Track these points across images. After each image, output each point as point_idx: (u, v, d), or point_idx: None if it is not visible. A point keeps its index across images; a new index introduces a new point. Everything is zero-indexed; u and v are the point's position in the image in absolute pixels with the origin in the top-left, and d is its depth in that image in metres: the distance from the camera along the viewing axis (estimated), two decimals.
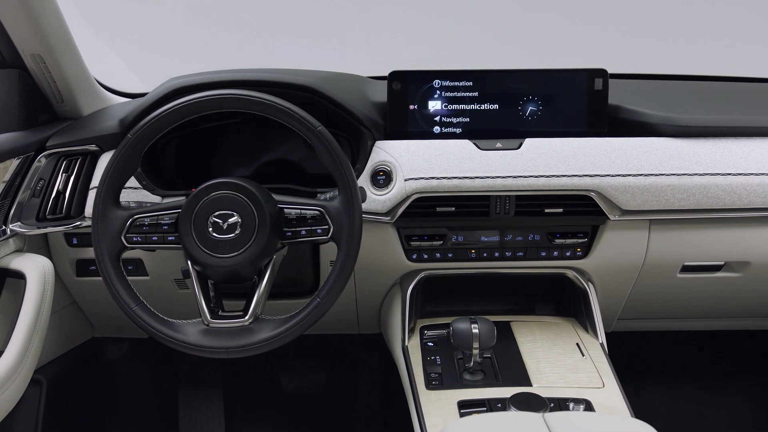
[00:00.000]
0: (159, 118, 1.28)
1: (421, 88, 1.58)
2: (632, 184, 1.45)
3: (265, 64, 1.68)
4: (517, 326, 1.55)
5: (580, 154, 1.47)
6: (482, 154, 1.48)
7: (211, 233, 1.27)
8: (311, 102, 1.50)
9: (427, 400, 1.30)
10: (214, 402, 2.17)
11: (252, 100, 1.28)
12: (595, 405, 1.26)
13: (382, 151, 1.50)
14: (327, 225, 1.29)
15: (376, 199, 1.47)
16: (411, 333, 1.54)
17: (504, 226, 1.52)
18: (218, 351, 1.26)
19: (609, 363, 1.42)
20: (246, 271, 1.30)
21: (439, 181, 1.45)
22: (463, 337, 1.33)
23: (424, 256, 1.55)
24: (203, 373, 2.18)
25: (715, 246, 1.55)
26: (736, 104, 1.69)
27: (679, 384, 2.17)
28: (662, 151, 1.48)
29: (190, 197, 1.29)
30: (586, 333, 1.54)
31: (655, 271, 1.58)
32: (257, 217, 1.27)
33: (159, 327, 1.28)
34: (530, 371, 1.38)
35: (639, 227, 1.52)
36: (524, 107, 1.58)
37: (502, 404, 1.24)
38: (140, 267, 1.60)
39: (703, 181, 1.46)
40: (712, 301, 1.70)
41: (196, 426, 2.16)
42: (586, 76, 1.56)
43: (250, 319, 1.28)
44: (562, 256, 1.55)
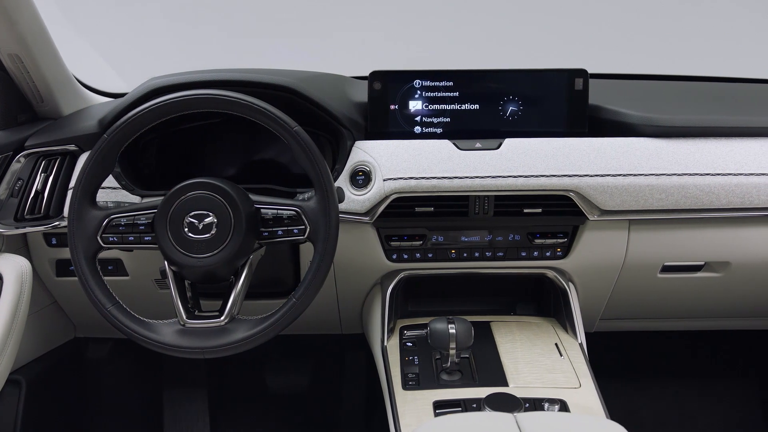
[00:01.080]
0: (135, 119, 1.28)
1: (402, 88, 1.58)
2: (611, 185, 1.45)
3: (252, 64, 1.67)
4: (497, 326, 1.55)
5: (559, 154, 1.47)
6: (461, 154, 1.48)
7: (186, 233, 1.27)
8: (291, 102, 1.50)
9: (402, 401, 1.30)
10: (199, 402, 2.16)
11: (227, 100, 1.28)
12: (571, 405, 1.26)
13: (362, 151, 1.50)
14: (303, 225, 1.29)
15: (355, 199, 1.47)
16: (391, 333, 1.54)
17: (483, 226, 1.52)
18: (194, 351, 1.26)
19: (587, 363, 1.42)
20: (222, 271, 1.29)
21: (418, 181, 1.45)
22: (440, 338, 1.33)
23: (404, 256, 1.55)
24: (188, 373, 2.18)
25: (695, 246, 1.55)
26: (717, 104, 1.70)
27: (665, 384, 2.17)
28: (641, 151, 1.48)
29: (166, 197, 1.28)
30: (566, 333, 1.54)
31: (636, 271, 1.58)
32: (233, 218, 1.27)
33: (134, 327, 1.27)
34: (507, 371, 1.38)
35: (618, 227, 1.52)
36: (505, 107, 1.57)
37: (477, 404, 1.24)
38: (120, 267, 1.60)
39: (682, 181, 1.46)
40: (693, 301, 1.70)
41: (181, 426, 2.15)
42: (567, 76, 1.56)
43: (226, 319, 1.28)
44: (543, 256, 1.55)
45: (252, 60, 2.34)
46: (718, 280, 1.61)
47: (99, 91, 1.83)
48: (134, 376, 2.10)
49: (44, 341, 1.75)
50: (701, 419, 2.13)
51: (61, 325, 1.81)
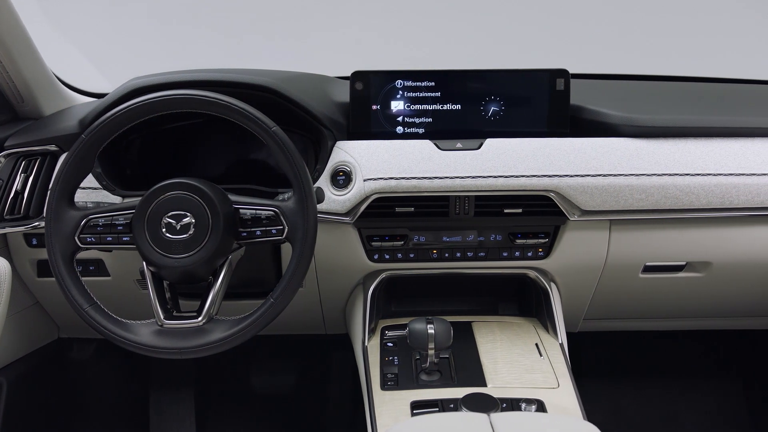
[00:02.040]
0: (113, 119, 1.28)
1: (384, 88, 1.58)
2: (591, 185, 1.45)
3: (242, 64, 1.67)
4: (478, 326, 1.55)
5: (539, 154, 1.47)
6: (442, 155, 1.48)
7: (164, 234, 1.27)
8: (272, 102, 1.50)
9: (380, 401, 1.30)
10: (186, 403, 2.16)
11: (205, 100, 1.28)
12: (548, 405, 1.26)
13: (342, 152, 1.49)
14: (282, 225, 1.29)
15: (335, 200, 1.47)
16: (372, 333, 1.54)
17: (465, 226, 1.52)
18: (171, 352, 1.26)
19: (567, 363, 1.42)
20: (200, 272, 1.29)
21: (398, 182, 1.45)
22: (419, 338, 1.33)
23: (386, 256, 1.55)
24: (175, 374, 2.17)
25: (676, 246, 1.55)
26: (699, 104, 1.70)
27: (650, 383, 2.18)
28: (622, 151, 1.48)
29: (143, 198, 1.28)
30: (547, 333, 1.54)
31: (618, 271, 1.58)
32: (210, 218, 1.27)
33: (111, 327, 1.27)
34: (486, 371, 1.38)
35: (599, 227, 1.52)
36: (486, 107, 1.57)
37: (454, 405, 1.23)
38: (101, 267, 1.60)
39: (662, 181, 1.46)
40: (675, 301, 1.70)
41: (167, 427, 2.15)
42: (548, 77, 1.56)
43: (203, 319, 1.28)
44: (524, 256, 1.55)
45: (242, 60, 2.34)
46: (699, 280, 1.62)
47: (82, 91, 1.82)
48: (119, 377, 2.09)
49: (27, 342, 1.75)
50: (685, 418, 2.13)
51: (44, 325, 1.81)
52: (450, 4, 2.33)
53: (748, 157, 1.48)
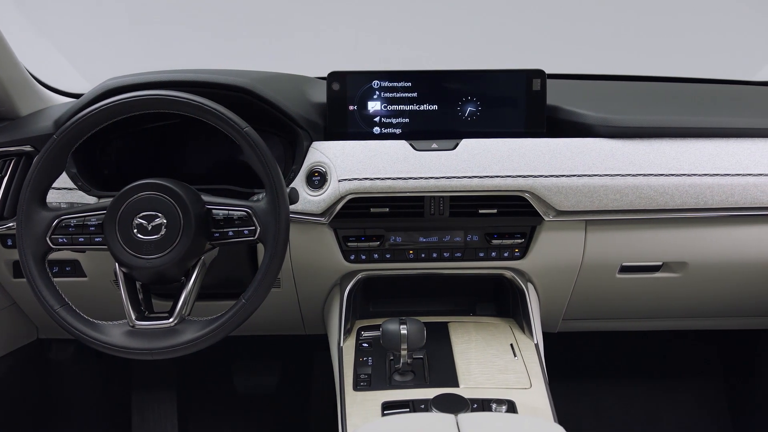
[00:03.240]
0: (85, 119, 1.28)
1: (361, 88, 1.58)
2: (565, 185, 1.45)
3: (228, 64, 1.67)
4: (454, 327, 1.55)
5: (514, 154, 1.47)
6: (417, 155, 1.48)
7: (135, 234, 1.26)
8: (248, 103, 1.50)
9: (352, 401, 1.30)
10: (168, 404, 2.16)
11: (178, 100, 1.28)
12: (519, 406, 1.26)
13: (318, 152, 1.49)
14: (254, 226, 1.28)
15: (311, 200, 1.47)
16: (348, 334, 1.54)
17: (440, 226, 1.52)
18: (142, 352, 1.26)
19: (540, 364, 1.42)
20: (172, 272, 1.29)
21: (372, 182, 1.45)
22: (392, 339, 1.33)
23: (362, 257, 1.55)
24: (156, 374, 2.17)
25: (652, 246, 1.56)
26: (675, 105, 1.70)
27: (632, 383, 2.18)
28: (597, 151, 1.48)
29: (115, 198, 1.28)
30: (523, 334, 1.54)
31: (594, 271, 1.59)
32: (182, 218, 1.27)
33: (82, 328, 1.27)
34: (459, 372, 1.38)
35: (575, 228, 1.52)
36: (463, 108, 1.58)
37: (425, 405, 1.24)
38: (77, 268, 1.59)
39: (636, 181, 1.46)
40: (653, 301, 1.71)
41: (149, 428, 2.15)
42: (524, 77, 1.56)
43: (175, 320, 1.28)
44: (500, 256, 1.55)
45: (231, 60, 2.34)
46: (676, 281, 1.62)
47: (60, 91, 1.82)
48: (100, 378, 2.09)
49: (5, 342, 1.75)
50: (667, 418, 2.14)
51: (23, 326, 1.80)
52: (430, 4, 2.33)
53: (722, 158, 1.48)
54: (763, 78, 1.93)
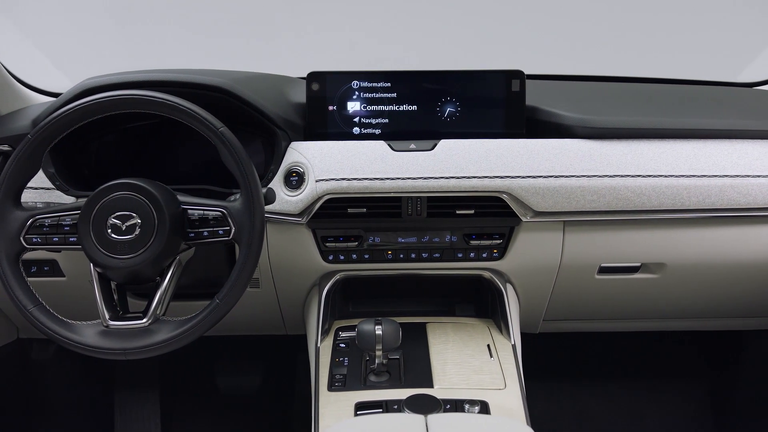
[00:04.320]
0: (60, 119, 1.27)
1: (340, 89, 1.58)
2: (543, 186, 1.45)
3: (216, 65, 1.67)
4: (432, 327, 1.55)
5: (492, 155, 1.47)
6: (395, 155, 1.48)
7: (109, 234, 1.26)
8: (226, 103, 1.50)
9: (325, 402, 1.30)
10: (151, 404, 2.16)
11: (152, 100, 1.28)
12: (492, 406, 1.26)
13: (296, 152, 1.49)
14: (228, 226, 1.28)
15: (288, 200, 1.47)
16: (326, 334, 1.54)
17: (418, 227, 1.52)
18: (115, 352, 1.26)
19: (516, 364, 1.42)
20: (147, 272, 1.29)
21: (350, 182, 1.45)
22: (367, 339, 1.33)
23: (341, 257, 1.55)
24: (139, 374, 2.17)
25: (631, 247, 1.56)
26: (654, 106, 1.70)
27: (615, 383, 2.19)
28: (574, 152, 1.48)
29: (89, 198, 1.28)
30: (500, 334, 1.54)
31: (573, 272, 1.59)
32: (156, 218, 1.26)
33: (56, 328, 1.27)
34: (435, 372, 1.38)
35: (553, 228, 1.52)
36: (443, 108, 1.58)
37: (398, 406, 1.23)
38: (56, 268, 1.59)
39: (613, 183, 1.46)
40: (632, 302, 1.71)
41: (132, 428, 2.15)
42: (503, 78, 1.56)
43: (149, 320, 1.28)
44: (479, 257, 1.55)
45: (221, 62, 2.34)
46: (655, 281, 1.62)
47: (42, 90, 1.82)
48: (83, 378, 2.09)
49: None
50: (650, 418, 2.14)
51: (3, 326, 1.80)
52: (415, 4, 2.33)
53: (699, 159, 1.48)
54: (745, 79, 1.93)
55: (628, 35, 2.19)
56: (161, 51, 2.35)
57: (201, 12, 2.43)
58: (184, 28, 2.40)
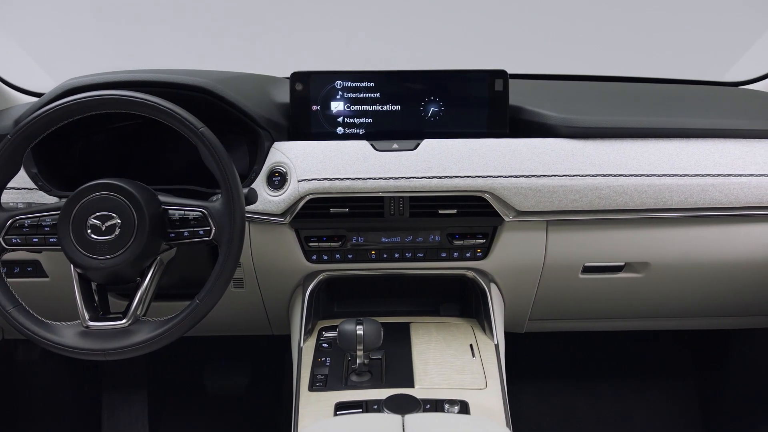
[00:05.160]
0: (40, 119, 1.27)
1: (324, 89, 1.58)
2: (525, 186, 1.45)
3: (202, 65, 1.67)
4: (416, 327, 1.55)
5: (475, 155, 1.47)
6: (377, 155, 1.48)
7: (89, 235, 1.26)
8: (209, 103, 1.49)
9: (306, 402, 1.30)
10: (138, 405, 2.15)
11: (133, 100, 1.28)
12: (472, 406, 1.26)
13: (279, 152, 1.49)
14: (209, 226, 1.28)
15: (271, 201, 1.46)
16: (309, 334, 1.54)
17: (401, 227, 1.52)
18: (94, 353, 1.26)
19: (499, 364, 1.42)
20: (127, 273, 1.29)
21: (332, 182, 1.45)
22: (348, 339, 1.33)
23: (324, 257, 1.55)
24: (127, 375, 2.17)
25: (614, 247, 1.56)
26: (637, 105, 1.70)
27: (603, 382, 2.19)
28: (557, 152, 1.48)
29: (69, 199, 1.28)
30: (484, 334, 1.54)
31: (557, 271, 1.59)
32: (136, 219, 1.26)
33: (35, 329, 1.27)
34: (416, 372, 1.38)
35: (536, 228, 1.52)
36: (426, 108, 1.57)
37: (378, 406, 1.23)
38: (39, 269, 1.59)
39: (595, 182, 1.46)
40: (617, 301, 1.71)
41: (120, 429, 2.14)
42: (486, 77, 1.56)
43: (129, 321, 1.27)
44: (463, 257, 1.55)
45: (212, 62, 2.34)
46: (639, 281, 1.62)
47: (26, 90, 1.81)
48: (70, 378, 2.08)
49: None
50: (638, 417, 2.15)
51: None
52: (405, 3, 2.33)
53: (681, 158, 1.48)
54: (731, 78, 1.93)
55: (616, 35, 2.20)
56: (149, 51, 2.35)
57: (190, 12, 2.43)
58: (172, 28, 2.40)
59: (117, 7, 2.32)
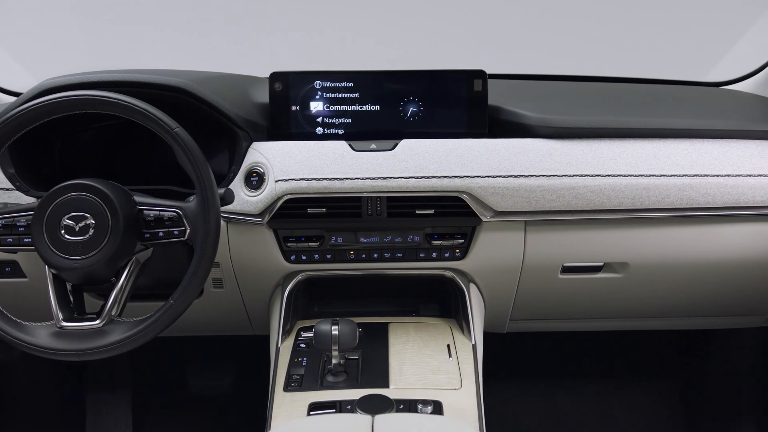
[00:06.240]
0: (12, 119, 1.27)
1: (303, 88, 1.58)
2: (502, 186, 1.46)
3: (191, 66, 1.67)
4: (394, 327, 1.55)
5: (452, 155, 1.47)
6: (355, 155, 1.48)
7: (63, 235, 1.26)
8: (187, 103, 1.49)
9: (280, 402, 1.30)
10: (123, 404, 2.15)
11: (106, 101, 1.27)
12: (446, 406, 1.26)
13: (257, 153, 1.49)
14: (183, 227, 1.28)
15: (248, 201, 1.46)
16: (288, 334, 1.54)
17: (379, 227, 1.52)
18: (68, 354, 1.25)
19: (475, 364, 1.42)
20: (101, 273, 1.28)
21: (309, 183, 1.45)
22: (324, 339, 1.33)
23: (303, 257, 1.55)
24: (111, 375, 2.17)
25: (593, 247, 1.56)
26: (616, 105, 1.70)
27: (585, 382, 2.19)
28: (535, 152, 1.48)
29: (42, 199, 1.28)
30: (462, 334, 1.54)
31: (537, 272, 1.59)
32: (110, 219, 1.26)
33: (7, 329, 1.26)
34: (392, 373, 1.38)
35: (514, 228, 1.52)
36: (405, 108, 1.58)
37: (351, 406, 1.23)
38: (17, 269, 1.58)
39: (572, 182, 1.46)
40: (597, 301, 1.71)
41: (104, 429, 2.14)
42: (465, 77, 1.56)
43: (103, 321, 1.27)
44: (441, 257, 1.55)
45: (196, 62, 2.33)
46: (618, 281, 1.62)
47: (8, 91, 1.81)
48: (53, 378, 2.08)
49: None
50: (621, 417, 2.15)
51: None
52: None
53: (659, 158, 1.49)
54: (712, 79, 1.94)
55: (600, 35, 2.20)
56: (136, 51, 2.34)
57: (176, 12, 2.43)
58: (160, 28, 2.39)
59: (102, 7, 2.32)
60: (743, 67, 1.88)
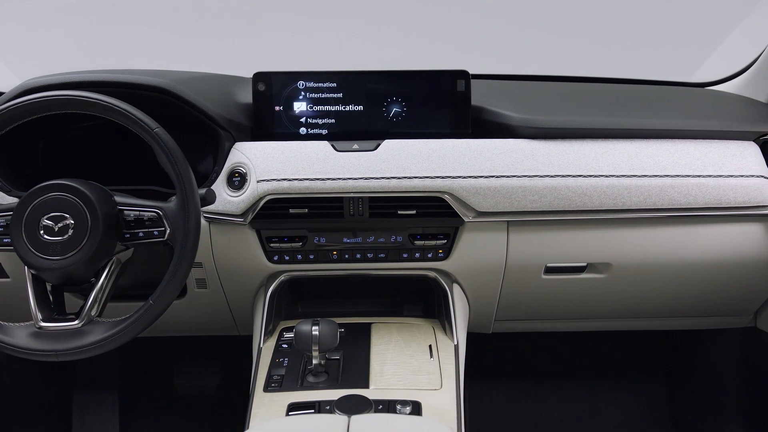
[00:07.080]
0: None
1: (286, 89, 1.58)
2: (484, 186, 1.46)
3: (181, 66, 1.66)
4: (377, 328, 1.55)
5: (434, 155, 1.47)
6: (337, 156, 1.47)
7: (42, 235, 1.26)
8: (169, 104, 1.49)
9: (259, 402, 1.30)
10: (109, 405, 2.15)
11: (86, 101, 1.27)
12: (425, 406, 1.26)
13: (239, 153, 1.49)
14: (163, 227, 1.28)
15: (230, 201, 1.46)
16: (270, 335, 1.54)
17: (361, 227, 1.52)
18: (47, 354, 1.25)
19: (456, 365, 1.42)
20: (80, 273, 1.28)
21: (291, 183, 1.45)
22: (304, 340, 1.33)
23: (286, 257, 1.55)
24: (98, 375, 2.16)
25: (575, 247, 1.56)
26: (598, 106, 1.70)
27: (573, 382, 2.19)
28: (517, 152, 1.48)
29: (22, 199, 1.27)
30: (444, 335, 1.54)
31: (520, 272, 1.59)
32: (90, 219, 1.26)
33: None
34: (372, 373, 1.38)
35: (497, 228, 1.52)
36: (388, 108, 1.57)
37: (330, 407, 1.23)
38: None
39: (554, 183, 1.46)
40: (581, 302, 1.71)
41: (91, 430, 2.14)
42: (449, 78, 1.56)
43: (81, 321, 1.27)
44: (424, 257, 1.55)
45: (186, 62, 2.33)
46: (602, 281, 1.63)
47: None
48: (39, 379, 2.07)
49: None
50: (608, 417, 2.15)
51: None
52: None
53: (641, 159, 1.49)
54: (698, 79, 1.94)
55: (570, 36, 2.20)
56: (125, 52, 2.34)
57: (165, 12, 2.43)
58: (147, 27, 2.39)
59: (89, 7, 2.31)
60: (729, 68, 1.88)
